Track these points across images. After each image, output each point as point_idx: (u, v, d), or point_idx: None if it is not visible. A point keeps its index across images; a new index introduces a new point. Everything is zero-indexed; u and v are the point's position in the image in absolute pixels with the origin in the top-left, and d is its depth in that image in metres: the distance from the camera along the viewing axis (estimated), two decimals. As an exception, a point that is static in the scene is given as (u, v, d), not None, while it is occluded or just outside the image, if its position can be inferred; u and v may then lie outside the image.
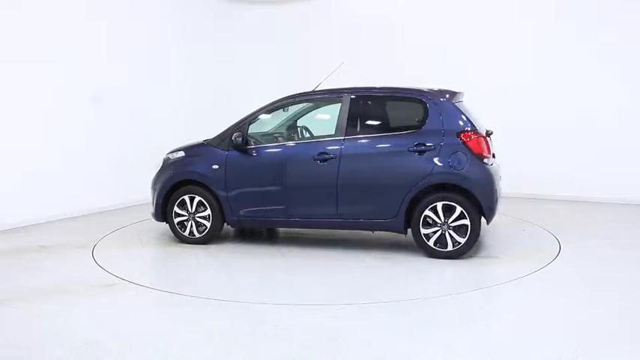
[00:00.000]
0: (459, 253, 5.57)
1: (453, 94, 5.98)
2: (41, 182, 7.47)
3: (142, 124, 9.01)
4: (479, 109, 9.04)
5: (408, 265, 5.45)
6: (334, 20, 10.56)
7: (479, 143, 5.62)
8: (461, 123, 5.69)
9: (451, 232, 5.55)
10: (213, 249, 6.15)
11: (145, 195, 9.01)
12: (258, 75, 10.60)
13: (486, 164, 5.66)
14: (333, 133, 5.96)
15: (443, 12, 9.76)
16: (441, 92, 5.93)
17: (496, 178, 5.84)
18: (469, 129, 5.66)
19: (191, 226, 6.31)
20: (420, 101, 5.83)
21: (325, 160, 5.81)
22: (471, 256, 5.71)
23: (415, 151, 5.63)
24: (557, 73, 8.93)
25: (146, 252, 6.18)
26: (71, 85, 7.89)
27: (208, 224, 6.24)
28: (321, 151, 5.86)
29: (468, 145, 5.58)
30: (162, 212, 6.44)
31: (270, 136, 6.60)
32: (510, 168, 9.23)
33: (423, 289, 4.83)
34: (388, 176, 5.69)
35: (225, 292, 4.81)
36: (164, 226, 7.09)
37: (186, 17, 10.04)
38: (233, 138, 6.08)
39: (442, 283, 4.99)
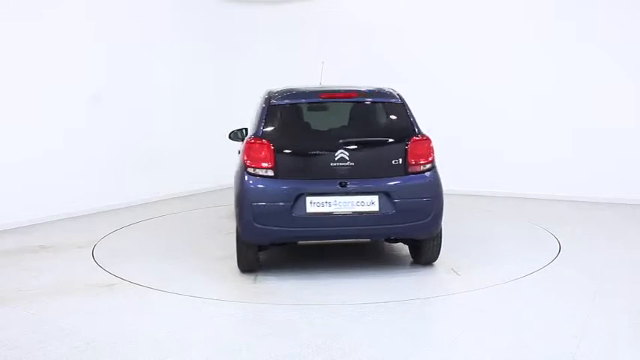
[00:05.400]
0: None
1: (284, 95, 5.28)
2: (41, 182, 7.47)
3: (142, 124, 9.02)
4: (478, 108, 9.07)
5: (408, 266, 5.45)
6: (334, 19, 10.57)
7: (243, 151, 5.03)
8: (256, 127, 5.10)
9: None
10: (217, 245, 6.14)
11: (144, 195, 9.09)
12: (258, 74, 10.59)
13: (249, 176, 4.87)
14: None
15: (440, 12, 9.77)
16: (277, 93, 5.33)
17: (250, 192, 4.82)
18: (251, 134, 5.07)
19: None
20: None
21: None
22: (468, 257, 5.71)
23: None
24: (556, 74, 8.94)
25: (146, 252, 6.17)
26: (71, 85, 7.90)
27: None
28: None
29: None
30: None
31: None
32: (510, 168, 9.29)
33: (423, 289, 4.83)
34: None
35: (226, 292, 4.81)
36: (163, 226, 7.11)
37: (185, 17, 10.04)
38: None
39: (441, 283, 4.98)
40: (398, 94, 5.45)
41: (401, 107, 5.32)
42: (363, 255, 5.83)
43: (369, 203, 4.84)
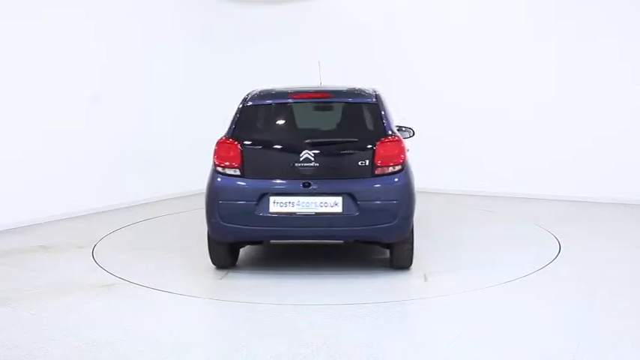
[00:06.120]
0: None
1: (257, 97, 5.38)
2: (41, 182, 7.47)
3: (142, 123, 9.02)
4: (479, 109, 9.04)
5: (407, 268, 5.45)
6: (334, 20, 10.58)
7: (214, 150, 5.10)
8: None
9: None
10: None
11: (144, 195, 9.08)
12: (258, 74, 10.60)
13: (217, 175, 5.03)
14: None
15: (440, 12, 9.77)
16: (253, 94, 5.46)
17: (220, 191, 4.95)
18: (223, 134, 5.17)
19: None
20: None
21: None
22: (469, 257, 5.71)
23: None
24: (556, 75, 8.94)
25: (146, 252, 6.16)
26: (71, 84, 7.90)
27: None
28: None
29: None
30: None
31: None
32: (511, 168, 9.29)
33: (422, 289, 4.83)
34: None
35: (226, 292, 4.81)
36: (164, 226, 7.08)
37: (185, 17, 10.04)
38: None
39: (441, 283, 4.98)
40: (375, 94, 5.37)
41: (374, 108, 5.22)
42: (365, 257, 5.82)
43: (333, 204, 4.80)
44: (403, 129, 6.71)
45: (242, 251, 6.06)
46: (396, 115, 5.68)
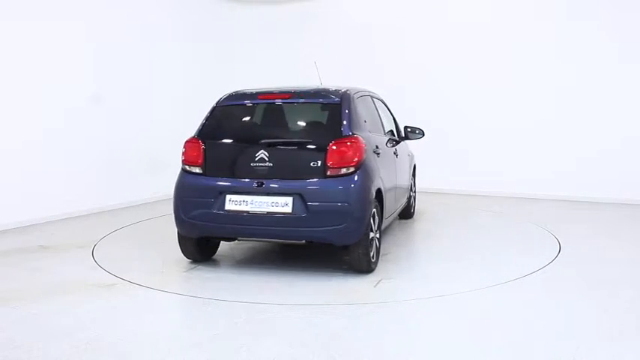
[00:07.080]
0: None
1: (227, 98, 5.57)
2: (41, 182, 7.47)
3: (141, 124, 9.03)
4: (479, 110, 9.05)
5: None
6: (334, 20, 10.58)
7: (182, 150, 5.33)
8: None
9: None
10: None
11: (144, 195, 9.08)
12: (258, 74, 10.62)
13: (183, 172, 5.31)
14: None
15: (440, 13, 9.77)
16: (226, 95, 5.64)
17: (189, 189, 5.20)
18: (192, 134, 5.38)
19: None
20: None
21: None
22: (470, 257, 5.71)
23: None
24: (557, 77, 8.94)
25: (146, 252, 6.17)
26: (70, 85, 7.89)
27: None
28: None
29: None
30: None
31: None
32: (511, 168, 9.30)
33: (424, 289, 4.83)
34: None
35: (226, 292, 4.81)
36: (164, 226, 7.09)
37: (185, 17, 10.05)
38: None
39: (441, 282, 4.98)
40: (342, 95, 5.28)
41: (336, 108, 5.15)
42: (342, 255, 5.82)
43: (283, 204, 4.83)
44: (417, 131, 6.73)
45: (244, 250, 6.07)
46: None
